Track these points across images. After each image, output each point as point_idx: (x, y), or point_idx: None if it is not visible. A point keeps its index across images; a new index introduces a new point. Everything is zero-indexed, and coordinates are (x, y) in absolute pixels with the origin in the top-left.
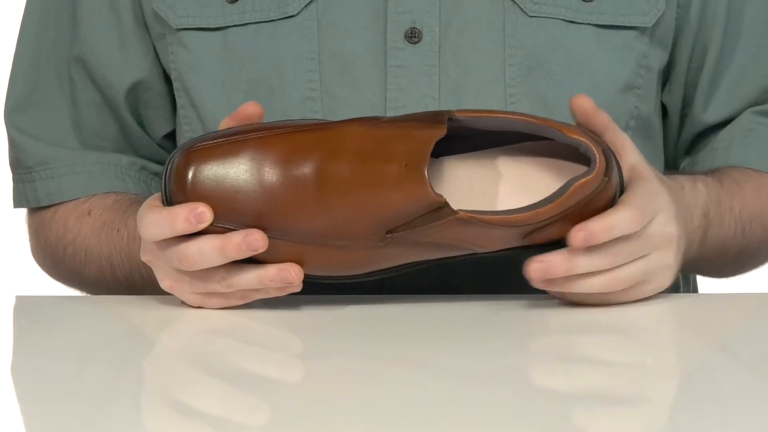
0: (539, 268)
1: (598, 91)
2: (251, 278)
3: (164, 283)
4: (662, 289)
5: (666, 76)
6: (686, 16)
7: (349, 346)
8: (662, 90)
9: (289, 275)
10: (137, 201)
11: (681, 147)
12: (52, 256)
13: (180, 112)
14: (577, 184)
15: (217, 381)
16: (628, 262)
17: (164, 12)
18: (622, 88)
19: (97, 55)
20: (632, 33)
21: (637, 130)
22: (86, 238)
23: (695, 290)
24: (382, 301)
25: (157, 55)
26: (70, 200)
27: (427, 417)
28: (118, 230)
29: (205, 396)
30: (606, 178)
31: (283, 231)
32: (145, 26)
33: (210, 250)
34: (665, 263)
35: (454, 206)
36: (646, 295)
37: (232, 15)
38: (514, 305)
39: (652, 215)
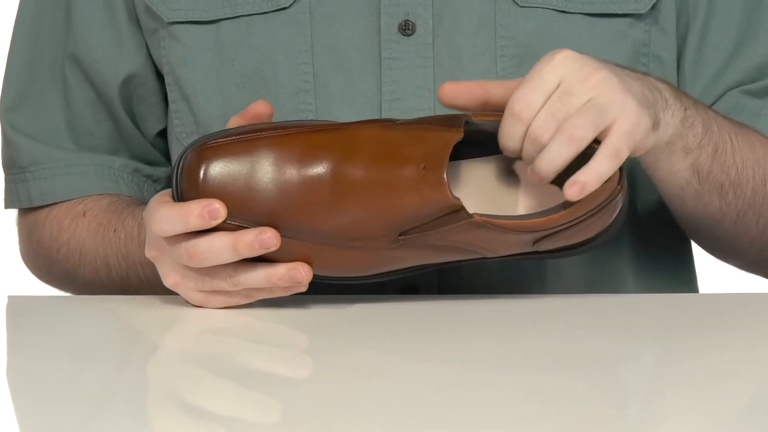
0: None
1: None
2: (259, 277)
3: (168, 280)
4: (638, 126)
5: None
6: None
7: (354, 343)
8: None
9: (298, 275)
10: (133, 203)
11: None
12: (46, 257)
13: (171, 106)
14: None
15: (224, 380)
16: (575, 114)
17: (156, 6)
18: None
19: (91, 52)
20: (626, 20)
21: None
22: (81, 238)
23: (695, 290)
24: (383, 300)
25: (149, 51)
26: (64, 201)
27: (433, 411)
28: (114, 231)
29: (214, 396)
30: (619, 186)
31: (295, 230)
32: (138, 22)
33: (221, 248)
34: (611, 92)
35: (469, 210)
36: (621, 135)
37: (224, 8)
38: (515, 305)
39: (549, 67)
